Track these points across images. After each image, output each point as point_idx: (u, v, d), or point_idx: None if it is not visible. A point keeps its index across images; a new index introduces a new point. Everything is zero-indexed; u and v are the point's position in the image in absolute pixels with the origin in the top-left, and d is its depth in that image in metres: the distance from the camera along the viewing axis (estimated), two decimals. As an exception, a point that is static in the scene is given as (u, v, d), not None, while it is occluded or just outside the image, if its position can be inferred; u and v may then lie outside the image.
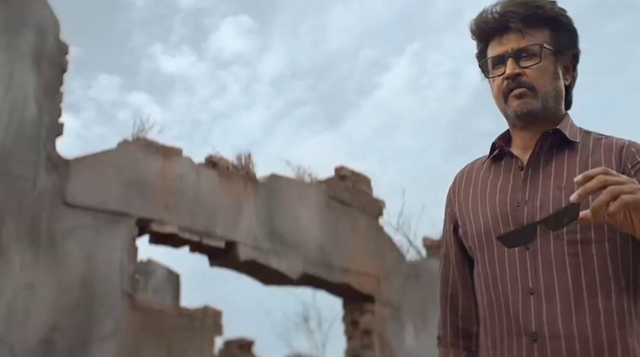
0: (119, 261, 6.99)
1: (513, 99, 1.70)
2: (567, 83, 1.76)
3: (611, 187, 1.37)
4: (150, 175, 7.59)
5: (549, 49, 1.70)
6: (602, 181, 1.38)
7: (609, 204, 1.39)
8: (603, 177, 1.38)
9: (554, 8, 1.73)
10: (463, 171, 1.89)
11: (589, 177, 1.40)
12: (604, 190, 1.38)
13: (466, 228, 1.80)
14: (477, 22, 1.76)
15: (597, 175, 1.39)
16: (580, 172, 1.65)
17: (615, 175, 1.40)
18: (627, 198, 1.37)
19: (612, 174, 1.40)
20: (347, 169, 9.75)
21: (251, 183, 8.47)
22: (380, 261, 9.39)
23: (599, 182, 1.38)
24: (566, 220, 1.47)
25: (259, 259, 8.18)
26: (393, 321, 9.33)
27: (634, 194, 1.37)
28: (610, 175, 1.40)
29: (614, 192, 1.37)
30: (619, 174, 1.41)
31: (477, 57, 1.81)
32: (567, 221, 1.47)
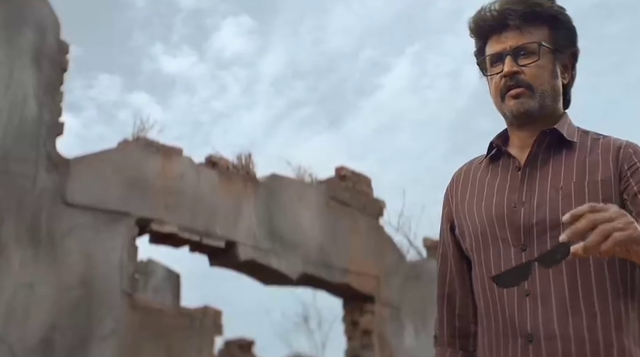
0: (118, 260, 6.98)
1: (510, 98, 1.69)
2: (566, 82, 1.75)
3: (602, 226, 1.33)
4: (150, 175, 7.58)
5: (548, 47, 1.69)
6: (592, 221, 1.33)
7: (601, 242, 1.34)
8: (592, 216, 1.34)
9: (552, 6, 1.71)
10: (460, 170, 1.88)
11: (577, 216, 1.35)
12: (595, 230, 1.33)
13: (463, 228, 1.79)
14: (476, 19, 1.75)
15: (585, 214, 1.34)
16: (577, 173, 1.65)
17: (603, 211, 1.35)
18: (619, 236, 1.32)
19: (599, 210, 1.35)
20: (347, 169, 9.74)
21: (251, 183, 8.47)
22: (380, 261, 9.38)
23: (588, 222, 1.33)
24: (559, 256, 1.45)
25: (259, 259, 8.17)
26: (393, 321, 9.32)
27: (626, 230, 1.33)
28: (598, 211, 1.35)
29: (605, 232, 1.32)
30: (607, 208, 1.36)
31: (475, 55, 1.79)
32: (559, 257, 1.45)
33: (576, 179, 1.64)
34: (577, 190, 1.62)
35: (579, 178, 1.64)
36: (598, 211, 1.35)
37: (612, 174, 1.63)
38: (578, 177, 1.64)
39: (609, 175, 1.63)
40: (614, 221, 1.33)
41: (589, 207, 1.35)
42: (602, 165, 1.65)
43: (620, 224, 1.33)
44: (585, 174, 1.65)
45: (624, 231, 1.32)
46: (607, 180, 1.62)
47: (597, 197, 1.60)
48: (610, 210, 1.35)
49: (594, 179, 1.63)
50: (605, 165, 1.65)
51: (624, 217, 1.35)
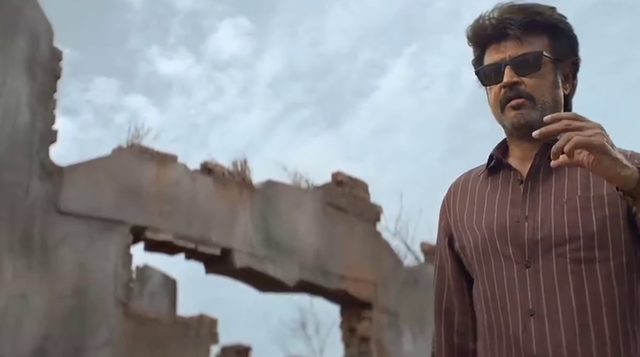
0: (112, 269, 6.92)
1: (510, 109, 1.64)
2: (567, 92, 1.70)
3: (568, 133, 1.34)
4: (145, 182, 7.52)
5: (548, 57, 1.64)
6: (565, 125, 1.35)
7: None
8: (566, 122, 1.36)
9: (553, 14, 1.66)
10: (458, 181, 1.81)
11: (556, 119, 1.37)
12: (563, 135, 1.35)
13: (463, 243, 1.72)
14: (474, 28, 1.70)
15: (563, 119, 1.37)
16: (582, 186, 1.59)
17: (583, 120, 1.37)
18: (578, 139, 1.32)
19: (579, 119, 1.37)
20: (344, 175, 9.69)
21: (247, 189, 8.41)
22: (377, 267, 9.32)
23: (561, 125, 1.35)
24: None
25: (255, 266, 8.12)
26: (390, 328, 9.26)
27: (592, 137, 1.33)
28: (577, 120, 1.36)
29: (569, 137, 1.33)
30: (588, 120, 1.38)
31: (473, 64, 1.74)
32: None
33: (581, 193, 1.59)
34: (582, 204, 1.57)
35: (583, 192, 1.59)
36: (578, 119, 1.36)
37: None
38: (583, 191, 1.59)
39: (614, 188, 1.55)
40: (585, 130, 1.34)
41: (571, 114, 1.37)
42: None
43: (588, 133, 1.33)
44: (590, 187, 1.59)
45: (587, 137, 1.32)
46: (613, 193, 1.55)
47: (603, 211, 1.55)
48: (589, 121, 1.37)
49: (600, 192, 1.58)
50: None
51: (596, 128, 1.35)
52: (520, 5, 1.65)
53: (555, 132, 1.36)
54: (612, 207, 1.56)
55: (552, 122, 1.37)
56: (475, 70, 1.72)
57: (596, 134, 1.34)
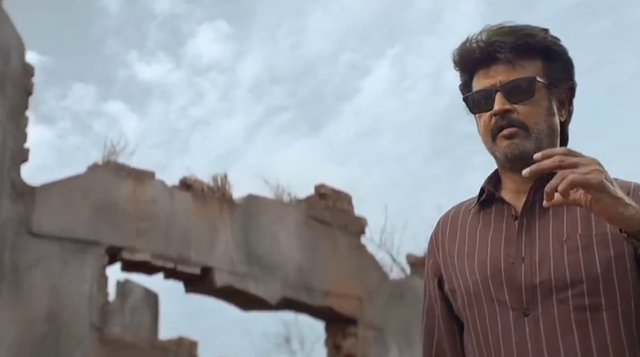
0: (87, 292, 6.70)
1: (502, 139, 1.52)
2: (563, 119, 1.58)
3: (563, 171, 1.25)
4: (121, 200, 7.31)
5: (542, 82, 1.53)
6: (558, 161, 1.26)
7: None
8: (559, 158, 1.26)
9: (546, 37, 1.55)
10: (447, 216, 1.68)
11: (547, 156, 1.28)
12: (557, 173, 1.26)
13: (453, 285, 1.59)
14: (461, 51, 1.58)
15: (555, 155, 1.27)
16: (583, 223, 1.46)
17: (577, 156, 1.28)
18: (573, 177, 1.23)
19: (572, 155, 1.28)
20: (327, 187, 9.51)
21: (227, 205, 8.21)
22: (362, 281, 9.14)
23: (554, 162, 1.26)
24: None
25: (236, 284, 7.92)
26: (376, 344, 9.08)
27: (588, 174, 1.24)
28: (570, 155, 1.27)
29: (564, 175, 1.24)
30: (581, 154, 1.29)
31: (460, 90, 1.64)
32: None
33: (582, 230, 1.46)
34: (584, 243, 1.44)
35: (584, 229, 1.46)
36: (571, 154, 1.28)
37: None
38: (584, 229, 1.46)
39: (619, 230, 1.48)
40: (580, 166, 1.25)
41: (564, 150, 1.30)
42: None
43: (584, 170, 1.25)
44: (591, 224, 1.46)
45: (584, 175, 1.24)
46: (616, 231, 1.41)
47: (607, 251, 1.42)
48: (584, 157, 1.28)
49: (603, 230, 1.45)
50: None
51: (592, 164, 1.26)
52: (511, 27, 1.54)
53: (547, 170, 1.27)
54: (617, 246, 1.43)
55: (543, 158, 1.28)
56: (464, 96, 1.61)
57: (593, 171, 1.25)
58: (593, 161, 1.28)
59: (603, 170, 1.27)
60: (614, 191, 1.26)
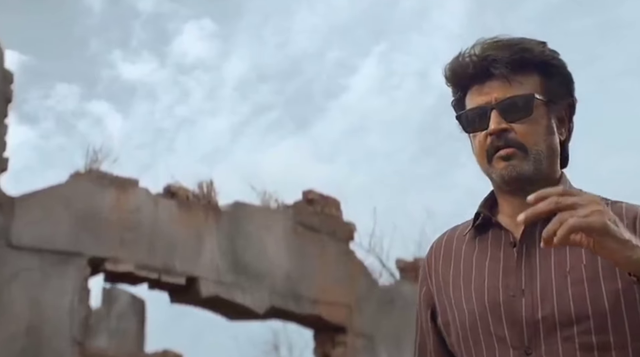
0: (68, 305, 6.52)
1: (499, 160, 1.42)
2: (563, 138, 1.48)
3: (561, 214, 1.15)
4: (104, 209, 7.13)
5: (541, 99, 1.43)
6: (553, 204, 1.16)
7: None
8: (555, 200, 1.16)
9: (544, 50, 1.45)
10: (441, 241, 1.57)
11: (541, 197, 1.18)
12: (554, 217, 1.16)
13: (447, 318, 1.48)
14: (453, 67, 1.48)
15: (551, 197, 1.17)
16: (587, 252, 1.34)
17: (572, 195, 1.18)
18: (573, 221, 1.13)
19: (569, 194, 1.18)
20: (315, 193, 9.36)
21: (213, 212, 8.04)
22: (351, 288, 9.00)
23: (549, 204, 1.16)
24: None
25: (223, 294, 7.76)
26: (366, 352, 8.94)
27: (589, 217, 1.14)
28: (567, 195, 1.17)
29: (562, 219, 1.14)
30: (579, 193, 1.21)
31: (453, 107, 1.53)
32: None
33: (587, 260, 1.36)
34: (589, 275, 1.35)
35: (590, 259, 1.35)
36: (567, 194, 1.18)
37: None
38: (589, 259, 1.35)
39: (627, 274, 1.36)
40: (578, 208, 1.16)
41: (559, 190, 1.19)
42: None
43: (584, 211, 1.15)
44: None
45: (583, 218, 1.14)
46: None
47: (615, 283, 1.33)
48: (581, 196, 1.19)
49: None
50: None
51: (592, 204, 1.17)
52: (506, 40, 1.44)
53: (544, 215, 1.16)
54: (625, 276, 1.32)
55: (537, 201, 1.17)
56: (456, 115, 1.50)
57: (593, 212, 1.15)
58: (593, 201, 1.18)
59: (604, 209, 1.17)
60: (619, 233, 1.17)
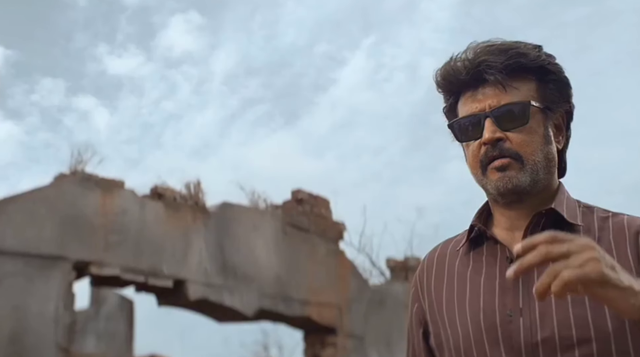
0: (53, 311, 6.39)
1: (493, 171, 1.35)
2: (560, 147, 1.41)
3: (554, 265, 1.06)
4: (89, 212, 7.00)
5: (537, 107, 1.36)
6: (543, 255, 1.07)
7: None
8: (544, 249, 1.07)
9: (540, 55, 1.37)
10: (433, 256, 1.49)
11: (529, 247, 1.08)
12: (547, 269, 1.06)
13: (440, 339, 1.41)
14: (444, 72, 1.40)
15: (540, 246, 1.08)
16: None
17: (562, 242, 1.08)
18: (568, 275, 1.04)
19: (558, 241, 1.08)
20: (304, 192, 9.25)
21: (200, 213, 7.92)
22: (341, 289, 8.91)
23: (539, 256, 1.07)
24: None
25: (211, 296, 7.65)
26: (356, 353, 8.86)
27: (582, 267, 1.06)
28: (557, 242, 1.08)
29: (555, 272, 1.05)
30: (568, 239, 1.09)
31: (445, 114, 1.45)
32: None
33: None
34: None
35: None
36: (557, 241, 1.08)
37: (633, 270, 1.29)
38: None
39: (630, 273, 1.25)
40: (571, 256, 1.06)
41: (547, 237, 1.09)
42: (619, 258, 1.30)
43: (577, 261, 1.06)
44: None
45: (578, 269, 1.05)
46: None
47: None
48: (573, 242, 1.08)
49: None
50: (622, 258, 1.31)
51: (586, 251, 1.07)
52: (500, 45, 1.37)
53: (533, 267, 1.07)
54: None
55: (525, 251, 1.08)
56: (448, 123, 1.43)
57: (588, 260, 1.06)
58: (586, 246, 1.09)
59: (600, 255, 1.09)
60: (619, 280, 1.08)
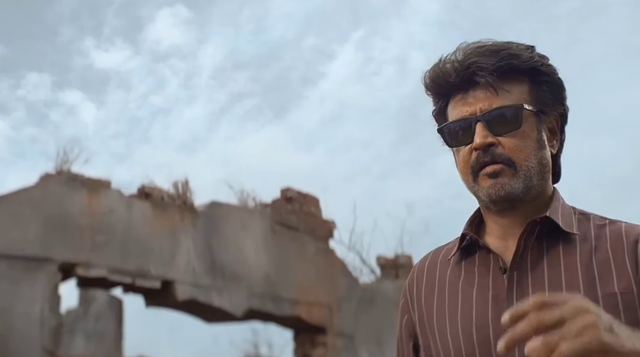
0: (38, 313, 6.30)
1: (485, 178, 1.30)
2: (554, 151, 1.36)
3: (546, 338, 0.96)
4: (75, 212, 6.91)
5: (530, 110, 1.31)
6: (535, 323, 0.97)
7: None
8: (535, 319, 0.97)
9: (533, 56, 1.32)
10: (423, 265, 1.44)
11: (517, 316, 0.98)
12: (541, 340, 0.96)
13: (430, 352, 1.35)
14: (433, 75, 1.35)
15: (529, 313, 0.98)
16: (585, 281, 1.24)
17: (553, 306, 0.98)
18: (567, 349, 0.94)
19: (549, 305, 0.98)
20: (294, 191, 9.19)
21: (189, 213, 7.85)
22: (331, 288, 8.85)
23: (530, 325, 0.97)
24: None
25: (199, 297, 7.57)
26: (347, 352, 8.81)
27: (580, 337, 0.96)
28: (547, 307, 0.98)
29: (550, 345, 0.95)
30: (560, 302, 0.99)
31: (434, 117, 1.40)
32: None
33: (585, 290, 1.24)
34: None
35: (588, 289, 1.24)
36: (548, 306, 0.98)
37: (632, 281, 1.24)
38: (587, 288, 1.24)
39: (629, 284, 1.24)
40: (566, 323, 0.97)
41: (536, 302, 0.98)
42: (617, 268, 1.26)
43: (574, 329, 0.96)
44: (595, 282, 1.25)
45: (576, 339, 0.96)
46: (628, 292, 1.23)
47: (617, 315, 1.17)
48: (565, 305, 0.98)
49: (610, 290, 1.24)
50: (620, 269, 1.25)
51: (581, 315, 0.98)
52: (491, 45, 1.32)
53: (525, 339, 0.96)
54: (629, 310, 1.22)
55: (513, 321, 0.98)
56: (438, 127, 1.38)
57: (586, 327, 0.97)
58: (580, 309, 0.99)
59: (596, 317, 0.99)
60: (621, 345, 0.99)
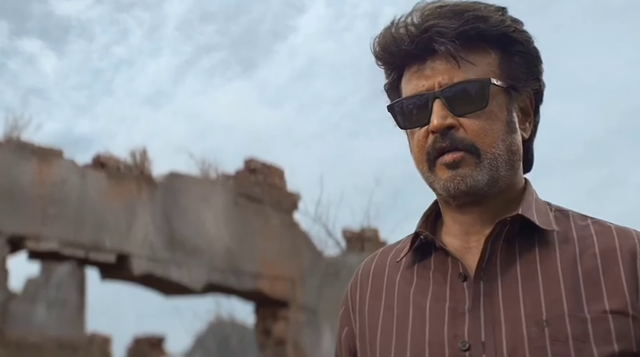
0: (-16, 288, 6.04)
1: (443, 168, 1.06)
2: (527, 136, 1.11)
3: None
4: (24, 182, 6.61)
5: (499, 86, 1.06)
6: None
7: None
8: None
9: (504, 20, 1.07)
10: (369, 268, 1.19)
11: None
12: None
13: None
14: (384, 42, 1.09)
15: None
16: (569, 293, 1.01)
17: None
18: None
19: None
20: (258, 162, 8.95)
21: (146, 184, 7.58)
22: (295, 261, 8.68)
23: None
24: None
25: (157, 271, 7.35)
26: (309, 327, 8.67)
27: None
28: None
29: None
30: None
31: (385, 91, 1.15)
32: None
33: (569, 308, 1.01)
34: (576, 332, 0.99)
35: (573, 307, 1.01)
36: None
37: (628, 305, 1.01)
38: (572, 305, 1.01)
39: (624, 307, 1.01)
40: None
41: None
42: (608, 281, 1.03)
43: None
44: (581, 295, 1.02)
45: None
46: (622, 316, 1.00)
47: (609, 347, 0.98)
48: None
49: (600, 307, 1.01)
50: (613, 284, 1.02)
51: None
52: (454, 5, 1.07)
53: None
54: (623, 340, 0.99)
55: None
56: (388, 104, 1.13)
57: None
58: None
59: None
60: None
